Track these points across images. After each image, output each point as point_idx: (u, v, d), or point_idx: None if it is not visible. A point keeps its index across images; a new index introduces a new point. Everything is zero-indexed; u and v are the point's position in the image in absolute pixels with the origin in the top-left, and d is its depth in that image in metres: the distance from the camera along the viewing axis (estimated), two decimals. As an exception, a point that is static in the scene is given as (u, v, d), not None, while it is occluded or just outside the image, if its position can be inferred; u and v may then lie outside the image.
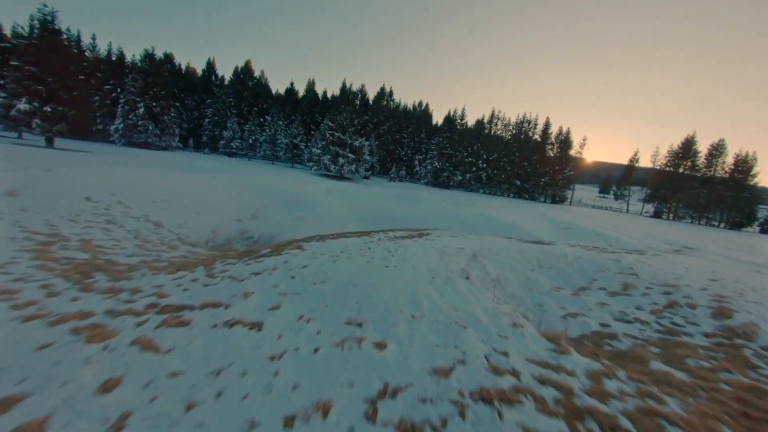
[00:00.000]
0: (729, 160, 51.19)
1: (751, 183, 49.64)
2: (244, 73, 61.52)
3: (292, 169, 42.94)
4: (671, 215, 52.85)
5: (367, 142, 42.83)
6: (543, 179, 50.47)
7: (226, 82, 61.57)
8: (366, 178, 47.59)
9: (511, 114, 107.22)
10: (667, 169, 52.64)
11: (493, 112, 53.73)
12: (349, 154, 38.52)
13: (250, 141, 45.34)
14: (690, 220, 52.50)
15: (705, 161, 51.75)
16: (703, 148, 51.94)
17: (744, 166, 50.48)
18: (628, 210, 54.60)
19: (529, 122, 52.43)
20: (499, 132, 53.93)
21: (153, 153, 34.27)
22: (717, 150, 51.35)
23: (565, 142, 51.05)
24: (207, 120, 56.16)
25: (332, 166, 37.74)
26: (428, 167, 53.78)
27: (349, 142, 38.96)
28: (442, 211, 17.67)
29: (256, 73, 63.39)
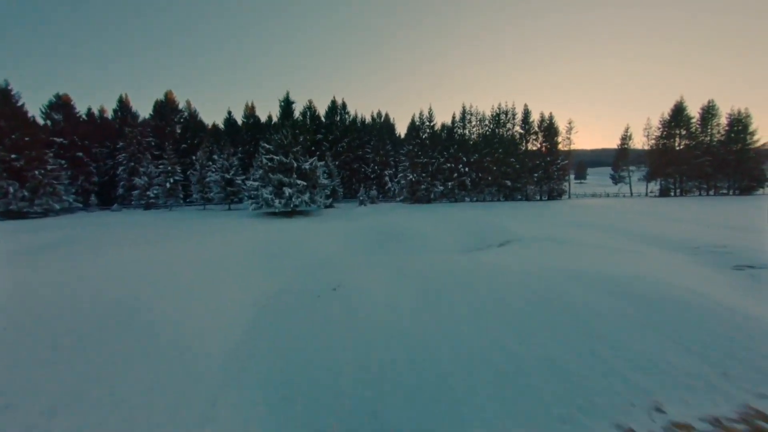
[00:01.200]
0: (723, 121, 45.35)
1: (752, 140, 43.70)
2: (165, 107, 49.63)
3: (228, 212, 31.25)
4: (678, 191, 45.75)
5: (321, 163, 32.15)
6: (536, 174, 41.82)
7: (145, 120, 49.40)
8: (329, 206, 36.69)
9: (484, 107, 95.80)
10: (663, 142, 45.84)
11: (464, 108, 45.09)
12: (299, 181, 27.64)
13: (168, 185, 33.28)
14: (698, 193, 45.62)
15: (699, 127, 45.53)
16: (693, 113, 45.80)
17: (739, 125, 44.66)
18: (632, 193, 47.06)
19: (506, 113, 44.09)
20: (474, 130, 45.18)
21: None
22: (708, 112, 45.30)
23: (549, 129, 43.03)
24: (122, 168, 43.52)
25: (276, 201, 26.66)
26: (402, 182, 43.81)
27: (296, 165, 28.12)
28: (478, 273, 7.13)
29: (181, 105, 51.67)
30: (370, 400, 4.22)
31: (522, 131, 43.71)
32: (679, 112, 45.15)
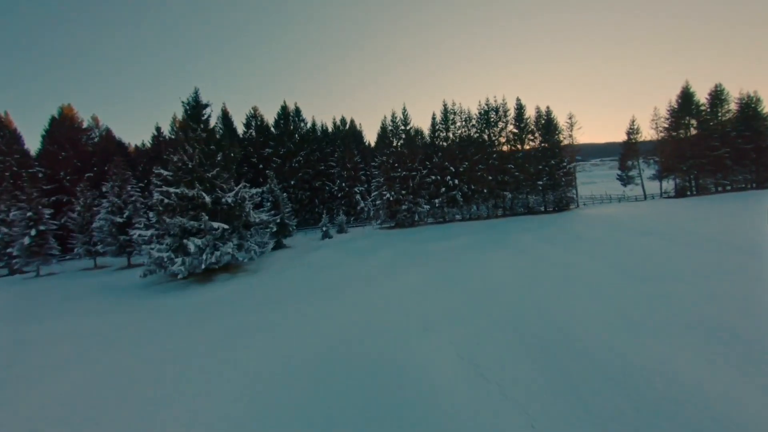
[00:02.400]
0: (733, 107, 39.45)
1: (766, 126, 37.91)
2: (61, 126, 37.37)
3: (116, 276, 20.18)
4: (694, 189, 39.11)
5: (258, 190, 21.79)
6: (540, 181, 33.56)
7: (34, 144, 36.94)
8: (279, 246, 26.30)
9: (470, 104, 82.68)
10: (673, 133, 39.23)
11: (445, 107, 36.36)
12: (215, 224, 17.33)
13: (26, 241, 21.62)
14: (715, 189, 39.16)
15: (708, 115, 39.33)
16: (701, 99, 39.61)
17: (749, 110, 38.88)
18: (645, 195, 39.95)
19: (496, 111, 35.75)
20: (459, 132, 36.49)
21: None
22: (717, 98, 39.22)
23: (548, 126, 35.10)
24: (-9, 212, 30.88)
25: (178, 260, 16.19)
26: (377, 201, 34.18)
27: (209, 199, 17.78)
28: None
29: (86, 123, 39.56)
30: None
31: (516, 131, 35.52)
32: (687, 99, 38.69)
